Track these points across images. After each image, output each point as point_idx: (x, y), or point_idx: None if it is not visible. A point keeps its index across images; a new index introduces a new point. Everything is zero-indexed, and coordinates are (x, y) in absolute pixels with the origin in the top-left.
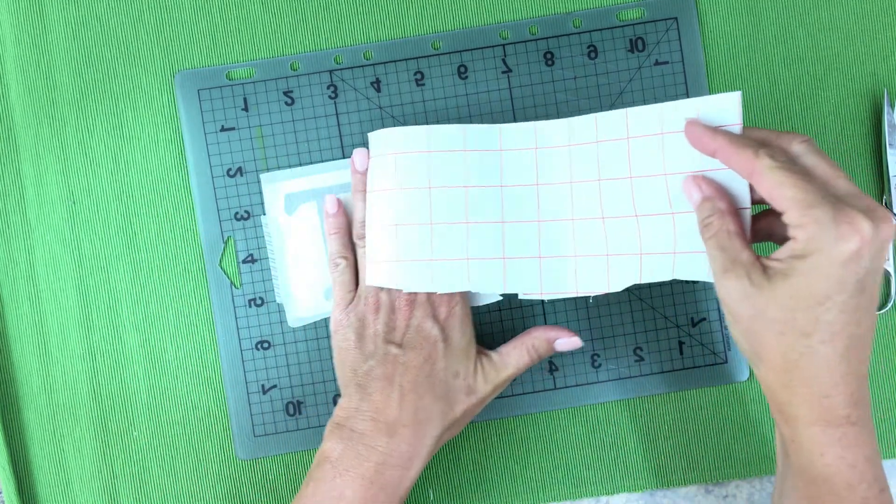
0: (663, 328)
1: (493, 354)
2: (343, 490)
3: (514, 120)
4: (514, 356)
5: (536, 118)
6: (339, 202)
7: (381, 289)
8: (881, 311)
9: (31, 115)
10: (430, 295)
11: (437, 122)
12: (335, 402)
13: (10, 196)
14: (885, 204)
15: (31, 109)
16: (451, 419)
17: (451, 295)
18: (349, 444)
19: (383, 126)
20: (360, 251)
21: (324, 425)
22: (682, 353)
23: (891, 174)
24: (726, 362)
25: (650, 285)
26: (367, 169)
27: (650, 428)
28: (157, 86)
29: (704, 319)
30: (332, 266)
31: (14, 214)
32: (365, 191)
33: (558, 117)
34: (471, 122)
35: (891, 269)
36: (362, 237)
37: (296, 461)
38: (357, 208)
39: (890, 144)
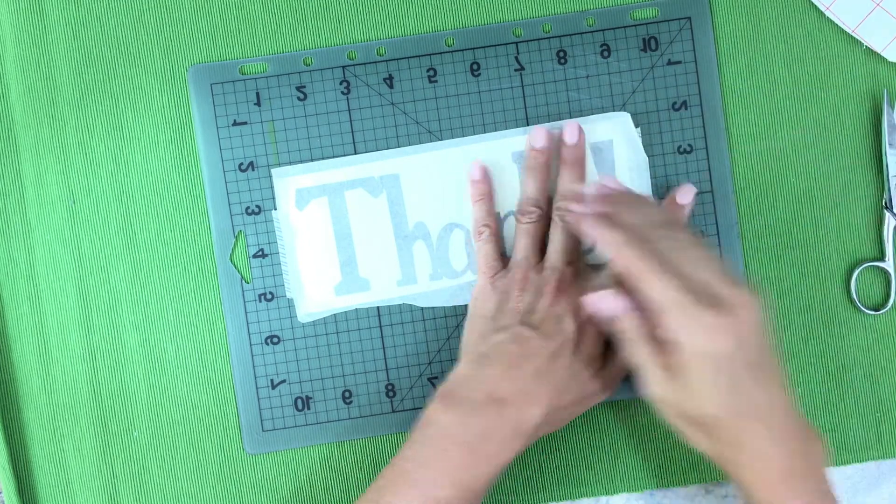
0: None
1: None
2: (447, 453)
3: (526, 116)
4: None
5: (549, 116)
6: (485, 169)
7: (533, 266)
8: (881, 311)
9: (31, 115)
10: (580, 293)
11: (450, 119)
12: (344, 398)
13: (10, 196)
14: (885, 204)
15: (31, 109)
16: (554, 412)
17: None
18: (458, 410)
19: (395, 123)
20: (519, 227)
21: (332, 421)
22: None
23: (891, 174)
24: None
25: None
26: (545, 147)
27: (650, 428)
28: (158, 85)
29: None
30: (476, 234)
31: (14, 214)
32: (541, 167)
33: (570, 116)
34: (482, 119)
35: (891, 270)
36: (527, 213)
37: (297, 460)
38: (529, 186)
39: (890, 144)
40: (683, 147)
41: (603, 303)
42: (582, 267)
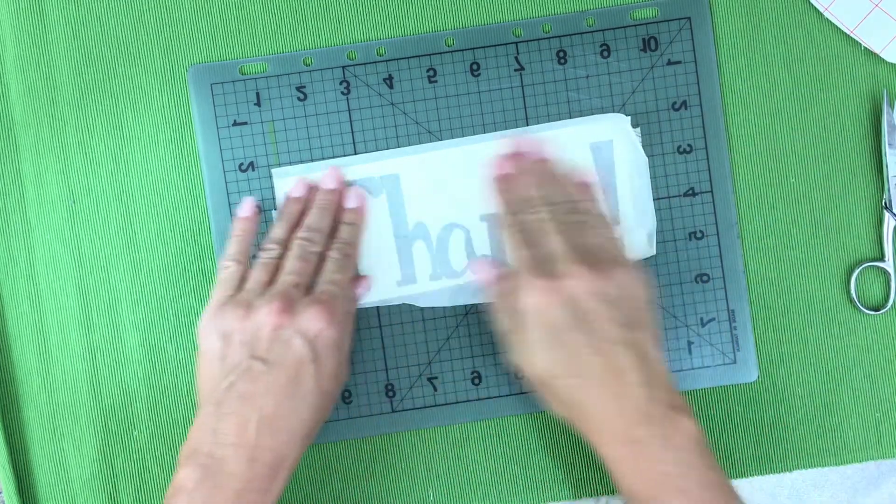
0: (672, 328)
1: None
2: None
3: (526, 116)
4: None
5: (548, 116)
6: (255, 208)
7: (257, 295)
8: (881, 311)
9: (31, 115)
10: (307, 309)
11: (449, 119)
12: (343, 398)
13: (10, 196)
14: (885, 204)
15: (31, 109)
16: (314, 432)
17: (330, 310)
18: (206, 472)
19: (395, 123)
20: (256, 263)
21: (331, 420)
22: (690, 352)
23: (891, 174)
24: (735, 363)
25: (660, 284)
26: (301, 196)
27: None
28: (158, 85)
29: (714, 320)
30: (222, 267)
31: (14, 214)
32: (294, 214)
33: (570, 116)
34: (482, 119)
35: (890, 270)
36: (266, 250)
37: None
38: (277, 227)
39: (890, 144)
40: (683, 147)
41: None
42: (320, 282)
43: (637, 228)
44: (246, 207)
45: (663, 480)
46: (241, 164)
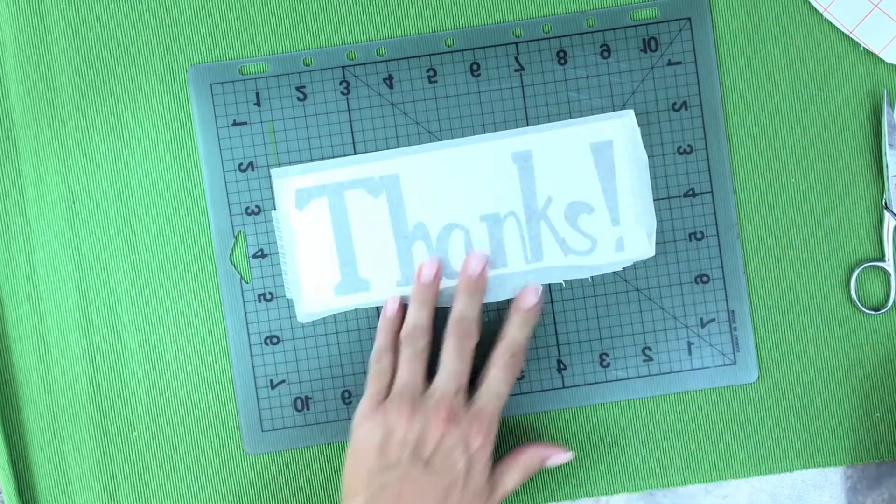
0: (672, 328)
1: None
2: None
3: (526, 116)
4: (510, 478)
5: (548, 117)
6: (401, 306)
7: (421, 393)
8: (881, 311)
9: (31, 115)
10: (470, 422)
11: (449, 119)
12: (344, 399)
13: (10, 196)
14: (885, 204)
15: (31, 109)
16: None
17: (490, 427)
18: None
19: (395, 123)
20: (406, 351)
21: (332, 421)
22: (690, 353)
23: (891, 174)
24: (735, 363)
25: (660, 285)
26: (432, 281)
27: (650, 428)
28: (157, 86)
29: (714, 320)
30: (375, 359)
31: (14, 214)
32: (427, 300)
33: (570, 116)
34: (482, 119)
35: (891, 270)
36: (416, 339)
37: (297, 460)
38: (411, 313)
39: (890, 144)
40: (683, 147)
41: (566, 458)
42: (483, 392)
43: (637, 228)
44: (392, 307)
45: None
46: (241, 164)
